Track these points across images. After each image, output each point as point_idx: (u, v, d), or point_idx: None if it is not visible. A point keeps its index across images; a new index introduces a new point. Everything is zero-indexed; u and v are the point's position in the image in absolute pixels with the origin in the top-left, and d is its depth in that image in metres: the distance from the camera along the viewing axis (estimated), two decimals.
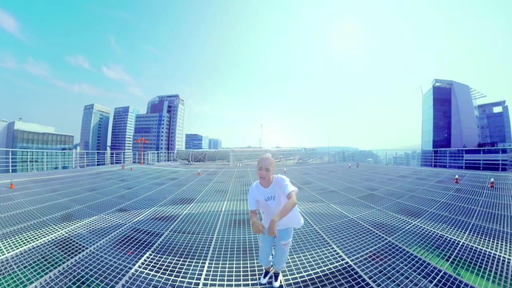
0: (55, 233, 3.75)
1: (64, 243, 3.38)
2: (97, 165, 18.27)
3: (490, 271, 2.75)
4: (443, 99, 67.62)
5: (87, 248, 3.20)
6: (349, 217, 4.74)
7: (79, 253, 3.07)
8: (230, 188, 8.09)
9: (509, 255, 3.11)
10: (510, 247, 3.35)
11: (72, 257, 2.94)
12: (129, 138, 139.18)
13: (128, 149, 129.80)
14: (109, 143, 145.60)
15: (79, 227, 4.02)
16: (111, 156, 21.52)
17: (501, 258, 3.03)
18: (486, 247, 3.34)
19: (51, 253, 3.05)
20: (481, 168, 13.16)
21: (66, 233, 3.76)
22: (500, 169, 12.26)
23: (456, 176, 9.33)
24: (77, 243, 3.38)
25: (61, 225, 4.10)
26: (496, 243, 3.49)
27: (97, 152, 18.67)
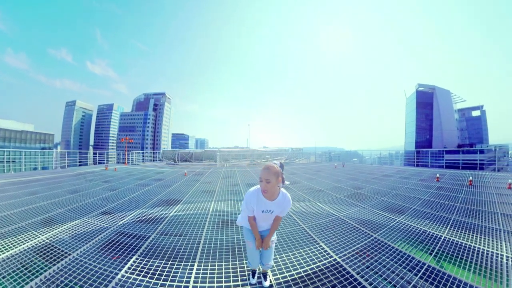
0: (35, 239, 3.59)
1: (45, 249, 3.24)
2: (79, 165, 17.66)
3: (471, 262, 2.93)
4: (426, 103, 71.01)
5: (70, 254, 3.09)
6: (336, 215, 4.85)
7: (62, 259, 2.95)
8: (217, 188, 8.05)
9: (488, 247, 3.33)
10: (488, 239, 3.58)
11: (54, 265, 2.83)
12: (113, 137, 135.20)
13: (112, 148, 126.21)
14: (91, 142, 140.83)
15: (60, 232, 3.87)
16: (94, 156, 20.85)
17: (480, 250, 3.24)
18: (466, 241, 3.56)
19: (31, 261, 2.92)
20: (460, 168, 13.83)
21: (47, 238, 3.61)
22: (478, 168, 13.03)
23: (437, 175, 9.75)
24: (59, 249, 3.26)
25: (42, 231, 3.93)
26: (475, 236, 3.72)
27: (79, 152, 18.01)
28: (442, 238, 3.66)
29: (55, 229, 3.99)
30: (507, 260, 2.98)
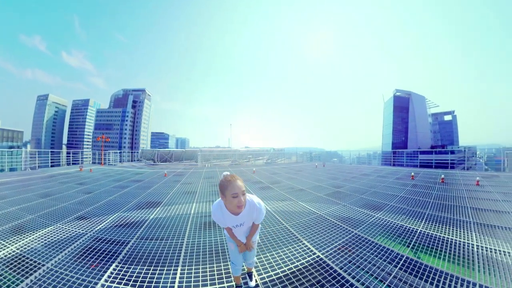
0: (4, 249, 3.35)
1: (15, 261, 3.03)
2: (51, 166, 16.74)
3: (445, 252, 3.18)
4: (402, 107, 76.23)
5: (43, 265, 2.91)
6: (317, 213, 4.98)
7: (35, 271, 2.77)
8: (198, 189, 7.96)
9: (459, 238, 3.63)
10: (459, 231, 3.90)
11: (26, 278, 2.65)
12: (88, 135, 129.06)
13: (87, 148, 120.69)
14: (65, 140, 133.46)
15: (32, 241, 3.64)
16: (67, 156, 19.80)
17: (453, 241, 3.52)
18: (440, 233, 3.83)
19: (0, 275, 2.73)
20: (433, 167, 14.77)
21: (17, 248, 3.38)
22: (449, 167, 14.01)
23: (412, 174, 10.33)
24: (31, 259, 3.06)
25: (11, 240, 3.68)
26: (448, 228, 4.02)
27: (51, 151, 17.04)
28: (418, 231, 3.91)
29: (26, 238, 3.75)
30: (477, 248, 3.27)
